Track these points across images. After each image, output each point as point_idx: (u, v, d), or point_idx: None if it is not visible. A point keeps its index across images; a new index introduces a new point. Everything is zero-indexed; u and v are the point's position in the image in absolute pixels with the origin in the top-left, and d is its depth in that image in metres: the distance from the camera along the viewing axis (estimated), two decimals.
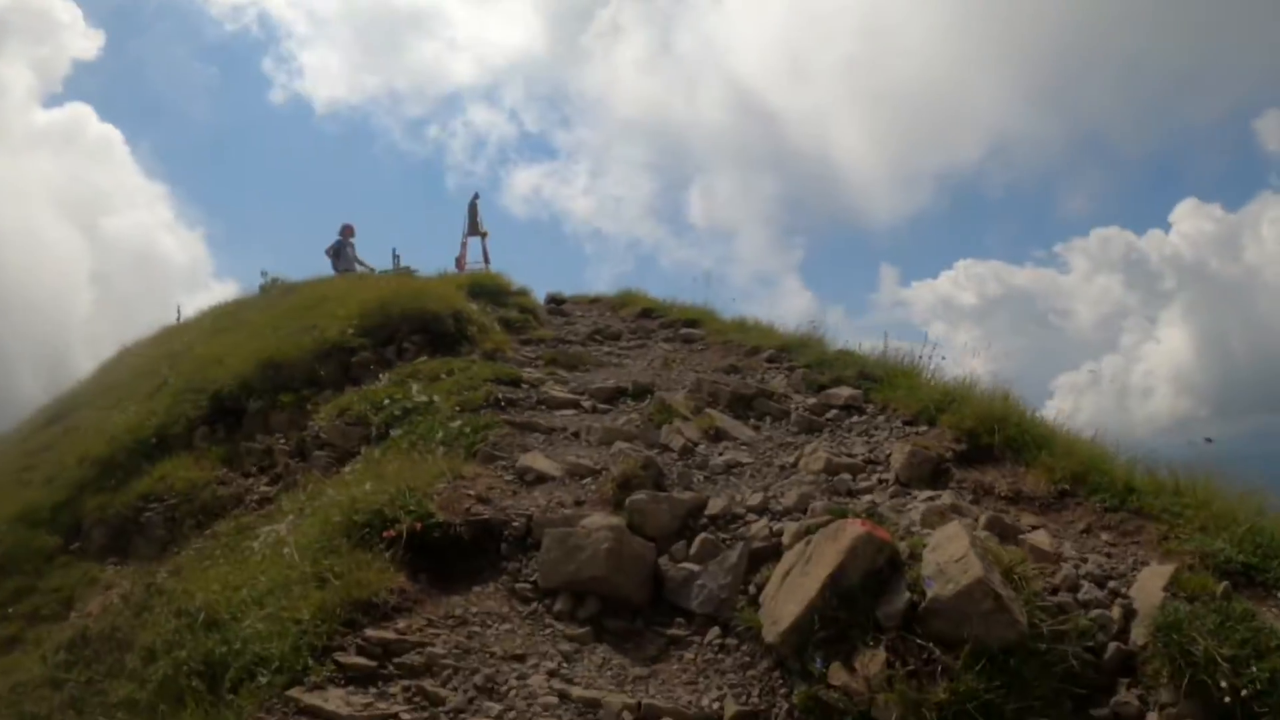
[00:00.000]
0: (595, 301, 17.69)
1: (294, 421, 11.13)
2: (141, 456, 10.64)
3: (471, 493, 6.24)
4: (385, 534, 5.71)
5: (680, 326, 13.18)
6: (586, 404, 8.69)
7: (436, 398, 9.12)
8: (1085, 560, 4.92)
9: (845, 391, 7.68)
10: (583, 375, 10.28)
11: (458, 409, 8.38)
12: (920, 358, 9.12)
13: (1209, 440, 6.62)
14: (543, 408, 8.62)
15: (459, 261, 23.63)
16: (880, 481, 6.03)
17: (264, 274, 21.90)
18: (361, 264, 20.57)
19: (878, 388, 7.88)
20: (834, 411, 7.52)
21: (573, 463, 6.63)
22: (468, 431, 7.66)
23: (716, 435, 7.25)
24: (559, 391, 9.00)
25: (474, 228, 23.82)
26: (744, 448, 7.04)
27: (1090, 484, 5.84)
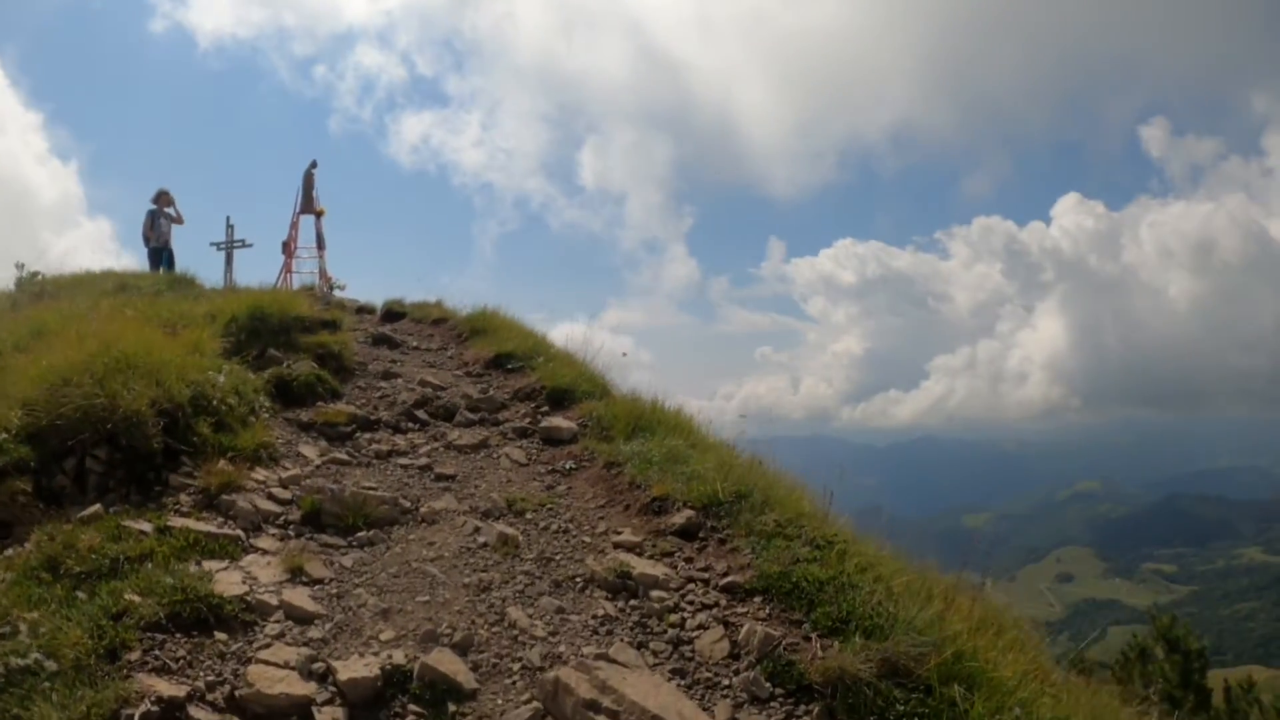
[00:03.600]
0: (439, 324, 13.02)
1: None
2: None
3: None
4: None
5: (548, 408, 8.59)
6: (326, 714, 4.07)
7: (50, 664, 4.40)
8: None
9: None
10: (355, 558, 5.65)
11: None
12: None
13: None
14: None
15: (287, 246, 19.47)
16: None
17: (19, 266, 16.36)
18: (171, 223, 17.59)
19: None
20: None
21: None
22: None
23: None
24: (277, 677, 4.31)
25: (308, 204, 19.83)
26: None
27: None
